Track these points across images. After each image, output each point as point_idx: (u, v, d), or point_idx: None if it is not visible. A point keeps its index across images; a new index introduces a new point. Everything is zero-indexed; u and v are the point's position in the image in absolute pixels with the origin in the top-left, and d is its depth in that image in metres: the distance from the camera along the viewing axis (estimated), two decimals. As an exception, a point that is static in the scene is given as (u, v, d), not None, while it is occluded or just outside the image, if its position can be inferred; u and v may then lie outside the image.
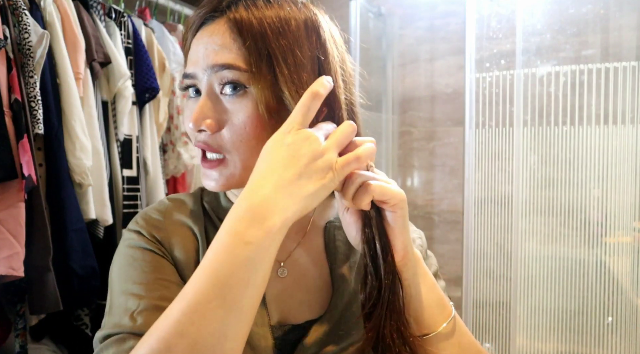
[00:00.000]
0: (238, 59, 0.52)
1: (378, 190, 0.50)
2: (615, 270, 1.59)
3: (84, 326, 1.49)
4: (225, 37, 0.53)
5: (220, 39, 0.53)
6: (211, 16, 0.55)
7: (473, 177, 1.73)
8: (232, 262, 0.43)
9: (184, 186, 1.91)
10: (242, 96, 0.53)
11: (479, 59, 1.76)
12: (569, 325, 1.64)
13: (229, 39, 0.53)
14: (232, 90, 0.53)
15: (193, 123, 0.54)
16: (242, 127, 0.53)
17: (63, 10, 1.38)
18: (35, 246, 1.22)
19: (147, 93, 1.65)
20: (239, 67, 0.52)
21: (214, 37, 0.54)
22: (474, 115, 1.73)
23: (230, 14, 0.54)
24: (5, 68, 1.18)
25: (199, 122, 0.54)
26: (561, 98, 1.64)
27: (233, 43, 0.53)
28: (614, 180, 1.57)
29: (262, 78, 0.52)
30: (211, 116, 0.54)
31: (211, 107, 0.54)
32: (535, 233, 1.68)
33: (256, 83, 0.52)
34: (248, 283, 0.44)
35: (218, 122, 0.54)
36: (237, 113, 0.53)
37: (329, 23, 0.59)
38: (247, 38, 0.52)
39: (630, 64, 1.55)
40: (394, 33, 2.15)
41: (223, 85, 0.54)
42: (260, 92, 0.52)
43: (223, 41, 0.53)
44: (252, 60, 0.52)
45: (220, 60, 0.53)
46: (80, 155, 1.36)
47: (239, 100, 0.53)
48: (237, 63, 0.52)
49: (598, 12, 1.70)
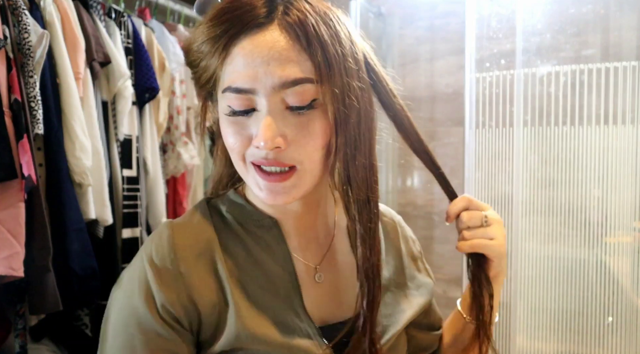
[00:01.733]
0: (307, 71, 0.50)
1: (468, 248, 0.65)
2: (615, 270, 1.59)
3: (83, 326, 1.49)
4: (288, 47, 0.50)
5: (285, 51, 0.50)
6: (258, 24, 0.51)
7: (473, 176, 1.73)
8: None
9: (184, 186, 1.91)
10: (312, 109, 0.52)
11: (479, 59, 1.76)
12: (569, 325, 1.64)
13: (293, 50, 0.50)
14: (302, 104, 0.51)
15: (266, 142, 0.50)
16: (315, 138, 0.52)
17: (63, 10, 1.38)
18: (35, 246, 1.22)
19: (147, 93, 1.65)
20: (310, 79, 0.50)
21: (276, 48, 0.50)
22: (474, 115, 1.73)
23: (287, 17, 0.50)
24: (5, 68, 1.18)
25: (274, 141, 0.50)
26: (561, 98, 1.64)
27: (298, 54, 0.50)
28: (614, 180, 1.57)
29: (329, 89, 0.50)
30: (281, 132, 0.51)
31: (280, 123, 0.51)
32: (535, 233, 1.68)
33: (323, 93, 0.51)
34: None
35: (288, 137, 0.52)
36: (309, 125, 0.51)
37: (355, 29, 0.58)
38: (316, 47, 0.49)
39: (631, 64, 1.55)
40: (394, 33, 2.15)
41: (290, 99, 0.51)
42: (330, 103, 0.51)
43: (288, 54, 0.50)
44: (322, 71, 0.50)
45: (291, 76, 0.50)
46: (80, 155, 1.35)
47: (309, 113, 0.52)
48: (310, 76, 0.50)
49: (598, 12, 1.70)
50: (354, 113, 0.52)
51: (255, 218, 0.61)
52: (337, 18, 0.53)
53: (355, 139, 0.53)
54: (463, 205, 0.64)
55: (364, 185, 0.55)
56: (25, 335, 1.34)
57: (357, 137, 0.53)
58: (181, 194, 1.89)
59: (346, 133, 0.52)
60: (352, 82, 0.52)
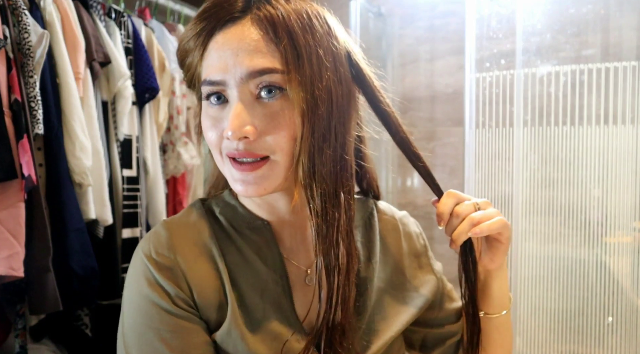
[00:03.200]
0: (275, 61, 0.51)
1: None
2: (615, 270, 1.58)
3: (83, 326, 1.49)
4: (258, 39, 0.51)
5: (254, 43, 0.51)
6: (232, 18, 0.52)
7: (473, 176, 1.73)
8: None
9: (184, 186, 1.91)
10: (280, 98, 0.52)
11: (479, 59, 1.75)
12: (569, 325, 1.64)
13: (262, 41, 0.51)
14: (269, 93, 0.52)
15: (233, 132, 0.51)
16: (285, 127, 0.52)
17: (63, 10, 1.38)
18: (35, 246, 1.22)
19: (147, 93, 1.65)
20: (277, 69, 0.51)
21: (245, 40, 0.51)
22: (474, 115, 1.73)
23: (258, 12, 0.52)
24: (5, 68, 1.18)
25: (241, 130, 0.51)
26: (561, 98, 1.64)
27: (267, 45, 0.51)
28: (614, 180, 1.57)
29: (296, 79, 0.51)
30: (250, 122, 0.52)
31: (248, 113, 0.52)
32: (535, 233, 1.68)
33: (291, 84, 0.51)
34: None
35: (257, 127, 0.52)
36: (278, 115, 0.52)
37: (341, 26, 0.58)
38: (282, 37, 0.50)
39: (631, 64, 1.55)
40: (394, 33, 2.15)
41: (260, 89, 0.52)
42: (296, 93, 0.51)
43: (257, 44, 0.51)
44: (289, 60, 0.50)
45: (258, 66, 0.51)
46: (80, 155, 1.35)
47: (278, 102, 0.52)
48: (276, 67, 0.51)
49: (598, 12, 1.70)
50: (323, 105, 0.51)
51: (247, 220, 0.62)
52: (317, 13, 0.54)
53: (323, 131, 0.52)
54: (453, 201, 0.62)
55: (330, 179, 0.53)
56: (25, 335, 1.35)
57: (327, 129, 0.52)
58: (181, 194, 1.89)
59: (313, 124, 0.51)
60: (323, 74, 0.51)
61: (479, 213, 0.61)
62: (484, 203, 0.63)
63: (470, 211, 0.61)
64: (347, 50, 0.57)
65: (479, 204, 0.62)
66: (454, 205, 0.62)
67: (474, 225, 0.60)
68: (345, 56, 0.56)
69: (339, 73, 0.54)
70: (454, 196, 0.62)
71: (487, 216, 0.61)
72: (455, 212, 0.61)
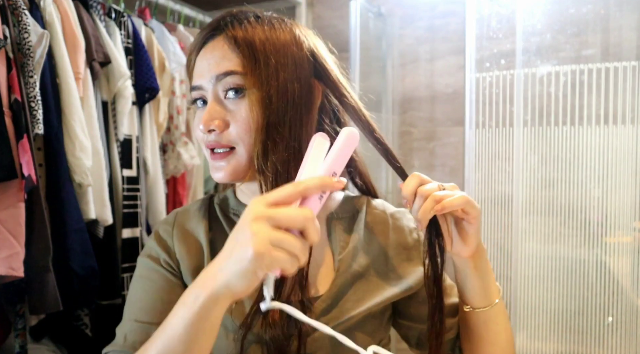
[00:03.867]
0: (236, 65, 0.62)
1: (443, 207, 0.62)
2: (615, 270, 1.59)
3: (83, 326, 1.49)
4: (224, 49, 0.63)
5: (221, 52, 0.63)
6: (211, 35, 0.65)
7: (473, 176, 1.73)
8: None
9: (184, 186, 1.91)
10: (242, 97, 0.63)
11: (479, 59, 1.76)
12: (569, 325, 1.64)
13: (228, 51, 0.63)
14: (234, 94, 0.63)
15: (203, 125, 0.63)
16: (245, 122, 0.62)
17: (63, 10, 1.38)
18: (35, 246, 1.22)
19: (147, 93, 1.65)
20: (238, 71, 0.62)
21: (215, 51, 0.64)
22: (474, 115, 1.73)
23: (228, 31, 0.63)
24: (5, 68, 1.18)
25: (208, 123, 0.63)
26: (561, 98, 1.64)
27: (231, 53, 0.62)
28: (614, 180, 1.57)
29: (254, 80, 0.61)
30: (218, 117, 0.63)
31: (218, 110, 0.63)
32: (535, 233, 1.68)
33: (250, 84, 0.62)
34: None
35: (224, 122, 0.63)
36: (240, 112, 0.62)
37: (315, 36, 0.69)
38: (241, 45, 0.62)
39: (630, 64, 1.55)
40: (394, 33, 2.15)
41: (226, 90, 0.63)
42: (252, 92, 0.62)
43: (223, 53, 0.63)
44: (246, 64, 0.61)
45: (222, 69, 0.63)
46: (80, 155, 1.35)
47: (241, 100, 0.63)
48: (236, 69, 0.62)
49: (598, 12, 1.70)
50: (278, 101, 0.61)
51: (235, 207, 0.73)
52: (281, 24, 0.65)
53: (277, 123, 0.61)
54: (416, 181, 0.63)
55: (282, 166, 0.62)
56: (26, 335, 1.35)
57: (281, 122, 0.62)
58: (181, 194, 1.89)
59: (267, 117, 0.61)
60: (280, 75, 0.61)
61: (442, 192, 0.62)
62: (449, 186, 0.64)
63: (434, 190, 0.62)
64: (313, 55, 0.66)
65: (444, 186, 0.64)
66: (418, 185, 0.63)
67: (437, 202, 0.61)
68: (309, 60, 0.66)
69: (297, 75, 0.63)
70: (417, 177, 0.63)
71: (450, 194, 0.62)
72: (419, 192, 0.62)
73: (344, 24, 2.06)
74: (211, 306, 0.49)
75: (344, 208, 0.74)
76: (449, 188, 0.63)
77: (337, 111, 0.72)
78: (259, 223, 0.46)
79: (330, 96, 0.69)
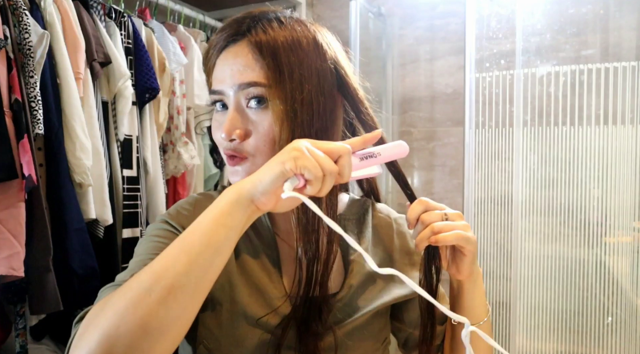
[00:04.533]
0: (260, 77, 0.61)
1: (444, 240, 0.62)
2: (615, 270, 1.59)
3: (84, 326, 1.49)
4: (248, 58, 0.62)
5: (244, 60, 0.62)
6: (233, 39, 0.63)
7: (473, 176, 1.73)
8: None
9: (184, 186, 1.91)
10: (265, 108, 0.62)
11: (479, 59, 1.76)
12: (569, 325, 1.64)
13: (251, 60, 0.61)
14: (256, 104, 0.62)
15: (225, 134, 0.62)
16: (266, 134, 0.62)
17: (63, 10, 1.38)
18: (35, 246, 1.22)
19: (147, 93, 1.65)
20: (262, 83, 0.61)
21: (238, 58, 0.62)
22: (474, 115, 1.73)
23: (251, 37, 0.62)
24: (6, 68, 1.18)
25: (230, 132, 0.62)
26: (561, 98, 1.64)
27: (255, 63, 0.61)
28: (614, 180, 1.57)
29: (278, 93, 0.60)
30: (240, 127, 0.63)
31: (239, 119, 0.63)
32: (535, 233, 1.68)
33: (273, 96, 0.60)
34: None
35: (245, 132, 0.63)
36: (261, 123, 0.62)
37: (334, 39, 0.68)
38: (266, 56, 0.61)
39: (630, 64, 1.55)
40: (394, 33, 2.15)
41: (249, 100, 0.62)
42: (276, 104, 0.60)
43: (247, 62, 0.62)
44: (271, 76, 0.60)
45: (246, 79, 0.61)
46: (81, 155, 1.36)
47: (262, 112, 0.62)
48: (260, 81, 0.61)
49: (598, 12, 1.70)
50: (303, 114, 0.61)
51: None
52: (306, 36, 0.63)
53: (305, 136, 0.60)
54: (421, 208, 0.64)
55: None
56: (26, 335, 1.35)
57: (308, 134, 0.61)
58: (181, 194, 1.89)
59: (293, 130, 0.60)
60: (304, 87, 0.61)
61: (442, 224, 0.63)
62: (453, 215, 0.65)
63: (435, 220, 0.63)
64: (335, 66, 0.65)
65: (448, 215, 0.64)
66: (422, 211, 0.64)
67: (434, 234, 0.62)
68: (332, 71, 0.65)
69: (322, 87, 0.63)
70: (423, 203, 0.65)
71: (449, 228, 0.63)
72: (421, 219, 0.64)
73: (344, 24, 2.06)
74: (236, 204, 0.51)
75: (352, 210, 0.76)
76: (453, 217, 0.64)
77: (353, 122, 0.73)
78: (302, 140, 0.53)
79: (348, 108, 0.69)
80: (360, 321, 0.68)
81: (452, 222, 0.63)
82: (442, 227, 0.62)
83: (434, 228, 0.62)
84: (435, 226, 0.63)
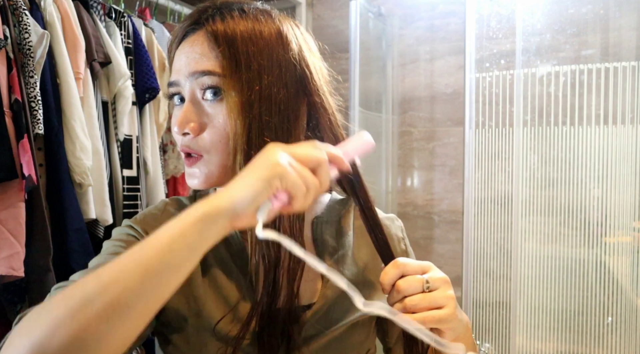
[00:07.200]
0: (215, 66, 0.57)
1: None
2: (615, 270, 1.59)
3: (84, 326, 1.49)
4: (204, 46, 0.58)
5: (200, 49, 0.58)
6: (192, 29, 0.60)
7: (473, 176, 1.73)
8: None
9: (184, 186, 1.91)
10: (221, 101, 0.58)
11: (479, 59, 1.76)
12: (568, 325, 1.64)
13: (207, 48, 0.58)
14: (212, 95, 0.58)
15: (178, 127, 0.58)
16: (222, 128, 0.58)
17: (63, 10, 1.38)
18: (35, 246, 1.22)
19: (147, 93, 1.65)
20: (217, 72, 0.57)
21: (194, 47, 0.59)
22: (474, 115, 1.74)
23: (209, 26, 0.58)
24: (6, 68, 1.19)
25: (183, 126, 0.58)
26: (561, 98, 1.64)
27: (211, 51, 0.58)
28: (614, 180, 1.57)
29: (233, 83, 0.56)
30: (194, 120, 0.59)
31: (194, 112, 0.59)
32: (535, 233, 1.68)
33: (229, 87, 0.56)
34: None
35: (200, 125, 0.59)
36: (217, 116, 0.58)
37: (305, 34, 0.64)
38: (221, 44, 0.57)
39: (630, 64, 1.55)
40: (394, 33, 2.15)
41: (204, 90, 0.58)
42: (231, 96, 0.56)
43: (202, 50, 0.58)
44: (226, 65, 0.56)
45: (200, 68, 0.58)
46: (81, 155, 1.36)
47: (218, 104, 0.58)
48: (215, 69, 0.57)
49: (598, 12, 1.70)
50: (261, 106, 0.56)
51: None
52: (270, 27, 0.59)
53: (261, 129, 0.56)
54: (396, 272, 0.55)
55: None
56: (26, 335, 1.34)
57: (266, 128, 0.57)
58: (181, 194, 1.89)
59: (249, 123, 0.56)
60: (263, 78, 0.57)
61: (416, 299, 0.53)
62: (437, 281, 0.55)
63: (413, 291, 0.54)
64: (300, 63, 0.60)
65: (430, 281, 0.54)
66: (397, 277, 0.55)
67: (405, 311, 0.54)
68: (294, 63, 0.60)
69: (284, 80, 0.58)
70: (399, 267, 0.55)
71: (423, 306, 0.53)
72: (397, 286, 0.55)
73: (344, 24, 2.07)
74: (208, 221, 0.44)
75: (331, 212, 0.70)
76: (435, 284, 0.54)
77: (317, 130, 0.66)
78: (278, 150, 0.48)
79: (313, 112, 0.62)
80: (337, 333, 0.62)
81: (431, 295, 0.54)
82: (416, 304, 0.53)
83: (406, 306, 0.53)
84: (408, 303, 0.53)
